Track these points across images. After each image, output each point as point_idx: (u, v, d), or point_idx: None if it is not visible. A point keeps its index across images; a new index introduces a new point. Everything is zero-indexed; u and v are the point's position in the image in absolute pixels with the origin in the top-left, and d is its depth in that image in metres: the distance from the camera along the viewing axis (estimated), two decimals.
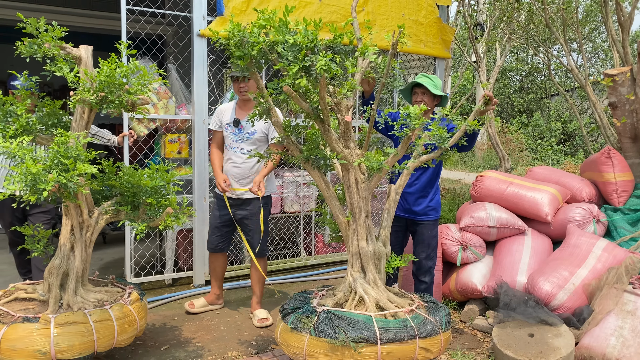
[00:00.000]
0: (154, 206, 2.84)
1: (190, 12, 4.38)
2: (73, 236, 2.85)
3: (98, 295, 2.93)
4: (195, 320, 3.83)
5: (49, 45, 2.64)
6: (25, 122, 2.64)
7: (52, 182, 2.33)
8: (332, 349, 2.43)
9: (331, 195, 2.88)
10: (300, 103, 2.56)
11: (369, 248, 2.79)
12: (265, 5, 4.57)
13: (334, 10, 4.93)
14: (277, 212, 5.11)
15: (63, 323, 2.66)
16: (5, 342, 2.59)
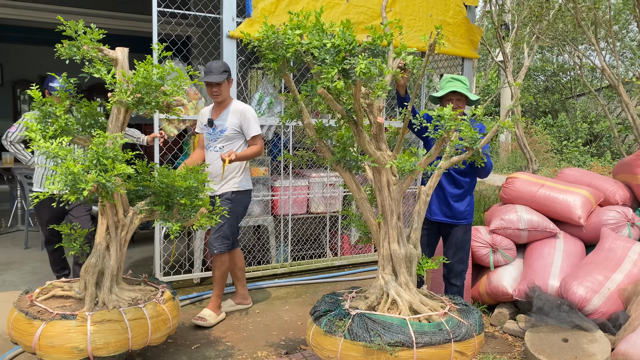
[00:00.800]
0: (188, 206, 2.87)
1: (220, 13, 4.41)
2: (108, 235, 2.90)
3: (132, 293, 2.97)
4: (224, 319, 3.86)
5: (88, 48, 2.68)
6: (64, 123, 2.69)
7: (91, 182, 2.37)
8: (368, 352, 2.42)
9: (362, 197, 2.87)
10: (335, 105, 2.56)
11: (401, 250, 2.78)
12: (294, 6, 4.58)
13: (362, 10, 4.92)
14: (304, 213, 5.12)
15: (99, 321, 2.70)
16: (44, 339, 2.64)
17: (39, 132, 2.60)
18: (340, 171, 2.89)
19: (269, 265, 4.89)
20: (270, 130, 4.94)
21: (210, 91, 3.74)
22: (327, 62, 2.29)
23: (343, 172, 2.88)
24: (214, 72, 3.67)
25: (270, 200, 4.96)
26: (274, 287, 4.60)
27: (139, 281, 3.23)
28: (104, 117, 2.92)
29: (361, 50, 2.38)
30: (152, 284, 3.21)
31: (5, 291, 4.32)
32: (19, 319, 2.73)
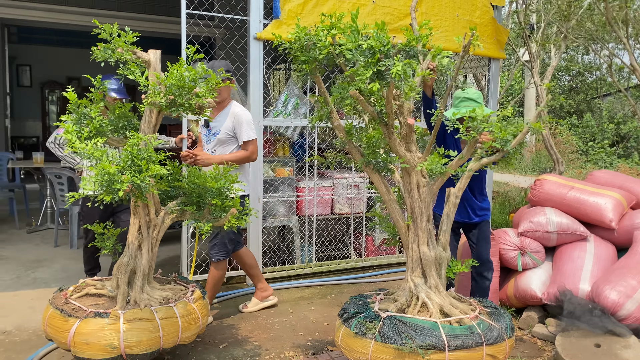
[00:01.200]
0: (219, 207, 2.90)
1: (247, 15, 4.45)
2: (140, 235, 2.94)
3: (163, 292, 3.01)
4: (250, 319, 3.89)
5: (122, 50, 2.73)
6: (99, 124, 2.74)
7: (126, 183, 2.41)
8: (399, 355, 2.41)
9: (391, 199, 2.87)
10: (366, 107, 2.56)
11: (431, 253, 2.77)
12: (320, 8, 4.59)
13: (388, 11, 4.91)
14: (328, 214, 5.13)
15: (131, 319, 2.74)
16: (79, 336, 2.69)
17: (74, 134, 2.65)
18: (369, 173, 2.89)
19: (294, 266, 4.91)
20: (295, 131, 4.96)
21: None
22: (361, 63, 2.29)
23: (372, 174, 2.88)
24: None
25: (295, 201, 4.98)
26: (299, 288, 4.62)
27: (169, 280, 3.27)
28: (137, 118, 2.96)
29: (395, 52, 2.38)
30: (181, 283, 3.24)
31: (36, 288, 4.41)
32: (54, 316, 2.79)
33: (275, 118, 4.76)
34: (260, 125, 4.52)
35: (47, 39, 11.61)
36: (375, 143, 2.89)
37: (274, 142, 5.00)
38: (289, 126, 4.90)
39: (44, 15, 8.59)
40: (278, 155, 5.05)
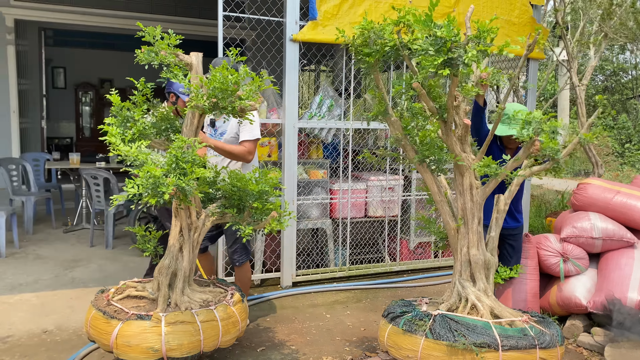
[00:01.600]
0: (260, 210, 2.88)
1: (283, 17, 4.43)
2: (182, 237, 2.94)
3: (203, 295, 3.00)
4: (287, 322, 3.86)
5: (165, 53, 2.73)
6: (142, 127, 2.74)
7: (171, 186, 2.41)
8: (452, 352, 2.37)
9: (442, 199, 2.82)
10: (427, 101, 2.58)
11: (481, 256, 2.70)
12: (356, 9, 4.55)
13: (424, 11, 4.82)
14: (361, 217, 5.08)
15: (173, 322, 2.74)
16: (121, 338, 2.70)
17: (118, 136, 2.66)
18: (422, 171, 2.86)
19: (328, 269, 4.87)
20: (330, 133, 4.93)
21: None
22: (431, 51, 2.32)
23: (425, 172, 2.85)
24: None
25: (328, 204, 4.94)
26: (334, 291, 4.57)
27: (208, 282, 3.26)
28: (178, 121, 2.97)
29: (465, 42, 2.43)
30: (220, 285, 3.24)
31: (75, 288, 4.47)
32: (97, 318, 2.81)
33: (309, 120, 4.73)
34: (295, 127, 4.50)
35: (80, 41, 11.85)
36: (430, 141, 2.87)
37: (308, 144, 4.97)
38: (324, 128, 4.87)
39: (79, 18, 8.75)
40: (312, 157, 5.03)
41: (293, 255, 4.61)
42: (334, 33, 4.45)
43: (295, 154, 4.54)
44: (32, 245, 5.74)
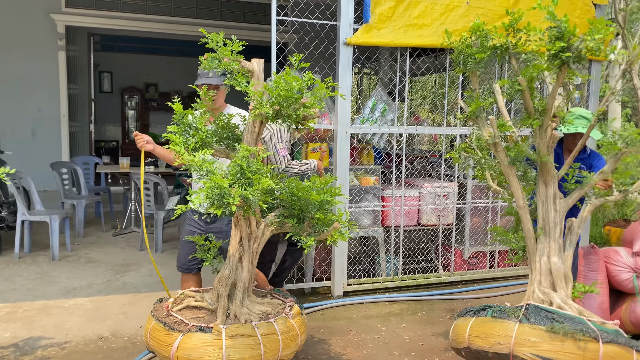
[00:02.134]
0: (321, 221, 2.78)
1: (337, 20, 4.34)
2: (241, 247, 2.87)
3: (262, 307, 2.93)
4: (341, 334, 3.76)
5: (228, 60, 2.67)
6: (205, 135, 2.69)
7: (237, 197, 2.34)
8: (550, 337, 2.27)
9: (524, 206, 2.71)
10: (529, 101, 2.58)
11: (562, 265, 2.57)
12: (412, 10, 4.41)
13: (482, 12, 4.66)
14: (414, 225, 4.93)
15: (233, 335, 2.66)
16: (182, 350, 2.65)
17: (182, 145, 2.62)
18: (509, 174, 2.78)
19: (379, 279, 4.74)
20: (382, 138, 4.81)
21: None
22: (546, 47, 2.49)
23: (512, 176, 2.78)
24: (203, 75, 3.23)
25: (380, 211, 4.81)
26: (387, 302, 4.44)
27: (265, 293, 3.19)
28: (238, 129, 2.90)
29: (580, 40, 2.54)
30: (278, 296, 3.16)
31: (127, 293, 4.49)
32: (157, 329, 2.77)
33: (362, 125, 4.62)
34: (347, 132, 4.40)
35: (127, 46, 12.07)
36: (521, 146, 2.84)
37: (359, 150, 4.85)
38: (376, 133, 4.75)
39: (126, 23, 8.90)
40: (363, 163, 4.91)
41: (344, 264, 4.50)
42: (389, 35, 4.37)
43: (347, 160, 4.44)
44: (84, 249, 5.82)
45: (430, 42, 4.51)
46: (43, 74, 8.44)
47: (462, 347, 2.70)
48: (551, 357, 2.29)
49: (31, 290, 4.46)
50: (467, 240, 5.02)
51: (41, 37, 8.37)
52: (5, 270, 4.96)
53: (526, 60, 2.64)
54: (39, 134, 8.32)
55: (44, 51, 8.40)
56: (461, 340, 2.66)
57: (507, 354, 2.38)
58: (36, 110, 8.29)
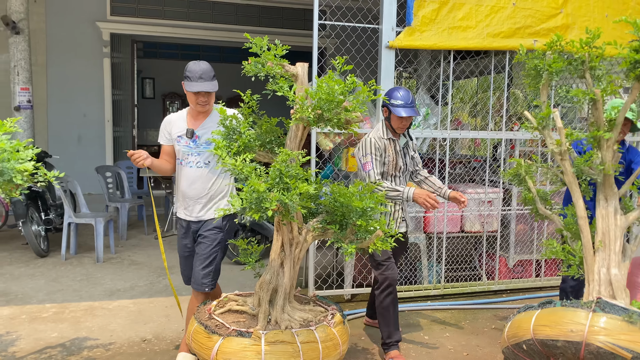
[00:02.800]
0: (364, 228, 2.72)
1: (380, 24, 4.28)
2: (283, 252, 2.85)
3: (303, 314, 2.89)
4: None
5: (272, 64, 2.65)
6: (248, 139, 2.68)
7: (274, 202, 2.31)
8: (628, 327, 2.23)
9: (585, 216, 2.67)
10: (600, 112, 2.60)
11: (622, 277, 2.45)
12: (456, 12, 4.32)
13: (529, 13, 4.51)
14: (457, 232, 4.81)
15: (273, 341, 2.64)
16: (221, 354, 2.64)
17: (224, 149, 2.62)
18: (573, 184, 2.72)
19: (421, 286, 4.64)
20: (425, 143, 4.72)
21: (196, 99, 3.08)
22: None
23: (575, 186, 2.72)
24: (204, 79, 3.05)
25: (422, 217, 4.72)
26: (430, 310, 4.34)
27: (308, 300, 3.15)
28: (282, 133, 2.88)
29: None
30: (321, 303, 3.11)
31: (169, 296, 4.54)
32: (199, 332, 2.77)
33: None
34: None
35: (168, 53, 12.33)
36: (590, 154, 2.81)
37: None
38: (418, 137, 4.66)
39: (169, 30, 9.08)
40: None
41: None
42: (432, 38, 4.28)
43: None
44: (127, 251, 5.93)
45: (475, 44, 4.40)
46: (89, 80, 8.70)
47: (524, 340, 2.57)
48: (630, 347, 2.21)
49: (77, 291, 4.57)
50: (512, 247, 4.86)
51: (87, 45, 8.63)
52: (52, 271, 5.10)
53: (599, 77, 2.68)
54: (84, 139, 8.57)
55: (90, 58, 8.65)
56: (523, 333, 2.56)
57: (580, 342, 2.29)
58: (82, 116, 8.54)
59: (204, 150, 3.14)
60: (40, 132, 8.20)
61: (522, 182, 3.18)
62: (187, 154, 3.17)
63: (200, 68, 3.06)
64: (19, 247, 5.91)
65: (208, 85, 3.05)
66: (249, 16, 9.38)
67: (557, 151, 2.70)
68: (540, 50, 2.81)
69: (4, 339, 3.57)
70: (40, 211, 5.75)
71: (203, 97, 3.09)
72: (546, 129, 2.81)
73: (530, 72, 2.85)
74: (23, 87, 6.53)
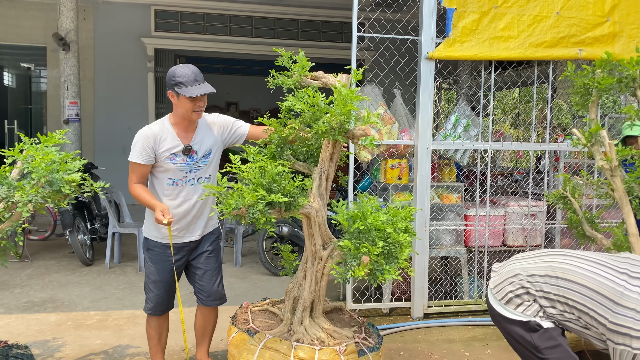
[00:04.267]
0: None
1: (419, 35, 4.26)
2: (306, 264, 2.82)
3: (320, 333, 2.73)
4: (422, 358, 3.61)
5: (299, 76, 2.67)
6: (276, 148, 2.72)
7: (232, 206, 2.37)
8: None
9: (637, 233, 2.56)
10: None
11: None
12: (498, 22, 4.25)
13: (574, 22, 4.40)
14: (499, 246, 4.69)
15: (269, 347, 2.63)
16: (232, 344, 2.78)
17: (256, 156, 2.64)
18: (624, 201, 2.67)
19: (462, 301, 4.54)
20: (465, 154, 4.64)
21: (193, 106, 2.81)
22: None
23: (627, 203, 2.66)
24: (199, 81, 2.81)
25: (463, 230, 4.62)
26: (471, 326, 4.23)
27: (356, 323, 2.98)
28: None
29: None
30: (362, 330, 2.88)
31: None
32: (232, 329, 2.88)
33: (444, 140, 4.48)
34: (428, 148, 4.28)
35: (209, 67, 12.63)
36: None
37: (441, 167, 4.71)
38: (459, 149, 4.59)
39: (210, 45, 9.31)
40: (444, 180, 4.75)
41: (425, 285, 4.35)
42: (473, 49, 4.23)
43: (428, 177, 4.31)
44: None
45: (517, 54, 4.32)
46: (134, 94, 8.98)
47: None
48: None
49: (120, 299, 4.68)
50: None
51: (133, 60, 8.93)
52: (97, 280, 5.25)
53: None
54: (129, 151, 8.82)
55: (135, 73, 8.95)
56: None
57: None
58: (127, 129, 8.80)
59: (203, 165, 2.96)
60: (87, 144, 8.51)
61: (567, 204, 3.11)
62: (185, 172, 2.92)
63: (191, 70, 2.80)
64: (66, 256, 6.11)
65: (207, 86, 2.83)
66: (288, 30, 9.52)
67: (607, 167, 2.62)
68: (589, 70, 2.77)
69: (50, 344, 3.69)
70: (86, 221, 5.94)
71: (201, 102, 2.84)
72: (595, 145, 2.76)
73: (578, 90, 2.78)
74: (72, 101, 6.80)
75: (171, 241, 2.93)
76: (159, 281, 3.01)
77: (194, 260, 3.11)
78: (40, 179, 2.55)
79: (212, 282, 3.11)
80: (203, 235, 3.10)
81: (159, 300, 3.05)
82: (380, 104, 4.42)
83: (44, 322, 4.11)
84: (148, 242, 3.03)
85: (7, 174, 2.64)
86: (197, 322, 3.26)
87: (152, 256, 3.01)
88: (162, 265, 2.99)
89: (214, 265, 3.12)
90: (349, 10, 4.18)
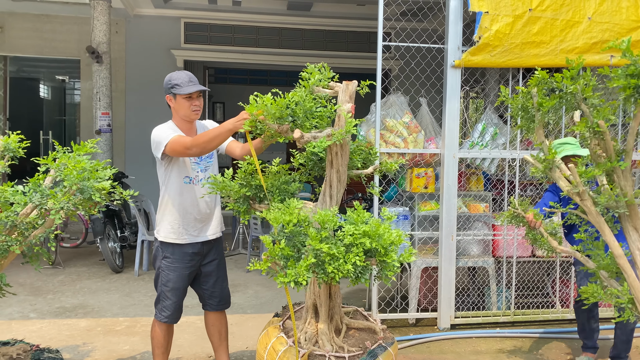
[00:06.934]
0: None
1: (445, 43, 4.24)
2: None
3: (332, 340, 2.71)
4: None
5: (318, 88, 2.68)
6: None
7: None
8: None
9: (622, 254, 2.45)
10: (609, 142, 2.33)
11: None
12: (531, 27, 4.17)
13: (607, 27, 4.31)
14: (528, 256, 4.59)
15: (280, 343, 2.64)
16: (264, 333, 2.81)
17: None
18: (601, 223, 2.46)
19: (490, 312, 4.45)
20: (493, 163, 4.57)
21: (190, 105, 2.98)
22: None
23: (604, 225, 2.45)
24: (194, 82, 2.96)
25: (490, 240, 4.55)
26: (498, 338, 4.15)
27: (379, 338, 2.93)
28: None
29: None
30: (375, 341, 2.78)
31: (234, 314, 4.60)
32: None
33: (471, 149, 4.43)
34: (455, 157, 4.24)
35: (237, 78, 12.81)
36: None
37: (468, 176, 4.65)
38: (486, 158, 4.53)
39: (238, 57, 9.43)
40: (471, 189, 4.69)
41: (452, 295, 4.29)
42: (499, 56, 4.17)
43: (455, 186, 4.26)
44: None
45: (546, 61, 4.24)
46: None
47: None
48: None
49: (148, 306, 4.74)
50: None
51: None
52: (126, 286, 5.34)
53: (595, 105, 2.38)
54: None
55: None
56: None
57: None
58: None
59: (209, 164, 3.12)
60: (118, 154, 8.69)
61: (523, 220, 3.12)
62: (197, 171, 3.07)
63: (185, 74, 2.96)
64: (96, 263, 6.24)
65: (201, 86, 2.97)
66: (314, 41, 9.58)
67: (574, 192, 2.44)
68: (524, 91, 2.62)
69: (80, 349, 3.76)
70: (116, 229, 6.06)
71: (197, 102, 2.99)
72: (553, 172, 2.54)
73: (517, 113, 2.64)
74: (104, 112, 6.98)
75: None
76: (177, 288, 3.07)
77: (205, 267, 3.15)
78: (72, 186, 2.62)
79: (223, 287, 3.24)
80: (214, 239, 3.15)
81: (176, 307, 3.12)
82: (405, 112, 4.41)
83: (74, 327, 4.20)
84: (165, 249, 3.05)
85: (40, 181, 2.72)
86: (211, 329, 3.32)
87: (170, 263, 3.05)
88: (181, 272, 3.05)
89: (223, 271, 3.26)
90: (374, 20, 4.19)
